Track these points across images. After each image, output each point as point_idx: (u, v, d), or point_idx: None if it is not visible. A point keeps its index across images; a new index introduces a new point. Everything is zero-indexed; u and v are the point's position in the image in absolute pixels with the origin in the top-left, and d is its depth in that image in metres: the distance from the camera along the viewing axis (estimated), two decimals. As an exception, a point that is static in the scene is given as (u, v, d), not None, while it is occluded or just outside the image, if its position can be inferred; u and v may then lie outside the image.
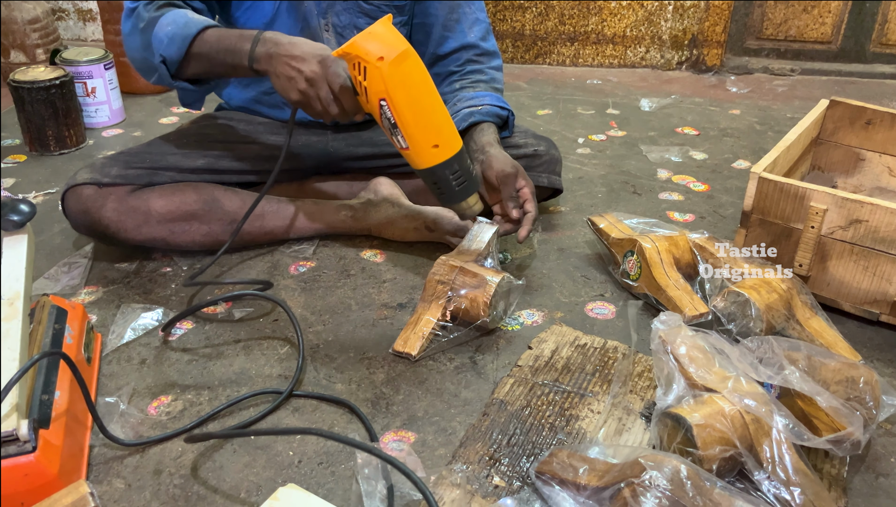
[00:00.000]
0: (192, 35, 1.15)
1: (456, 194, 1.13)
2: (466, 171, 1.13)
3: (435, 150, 1.08)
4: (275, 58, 1.10)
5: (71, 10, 2.70)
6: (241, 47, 1.13)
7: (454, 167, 1.11)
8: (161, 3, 1.20)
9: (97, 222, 1.24)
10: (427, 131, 1.07)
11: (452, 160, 1.10)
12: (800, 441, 0.82)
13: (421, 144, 1.08)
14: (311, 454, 0.92)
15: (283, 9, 1.33)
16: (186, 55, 1.17)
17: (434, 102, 1.08)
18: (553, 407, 0.99)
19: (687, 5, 2.51)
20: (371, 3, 1.37)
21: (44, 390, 0.85)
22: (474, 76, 1.43)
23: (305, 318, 1.19)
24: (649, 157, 1.86)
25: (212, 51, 1.16)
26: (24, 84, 1.72)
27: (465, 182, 1.13)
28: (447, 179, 1.11)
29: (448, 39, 1.42)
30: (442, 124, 1.09)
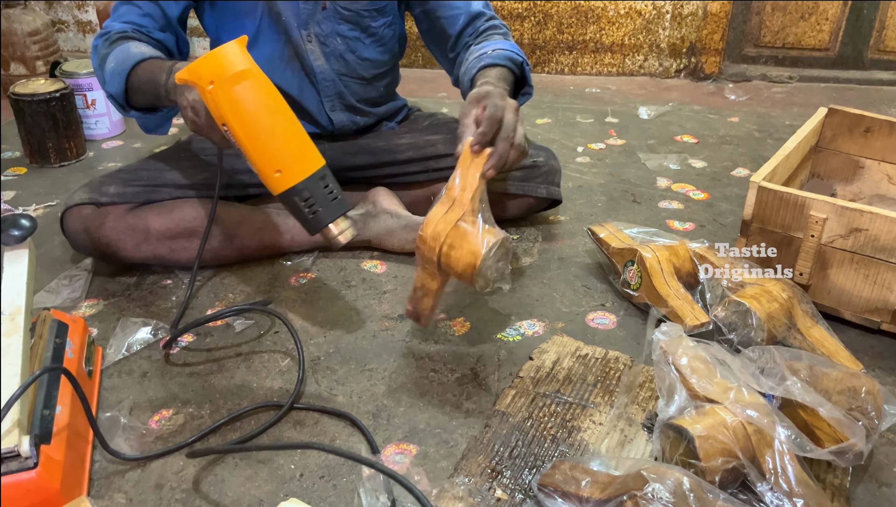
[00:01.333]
0: (127, 70, 1.18)
1: (310, 222, 1.07)
2: (321, 197, 1.05)
3: (278, 176, 1.03)
4: (176, 88, 1.07)
5: (71, 21, 2.71)
6: (158, 79, 1.12)
7: (304, 194, 1.04)
8: (115, 38, 1.23)
9: (97, 241, 1.24)
10: (267, 157, 1.02)
11: (300, 187, 1.03)
12: (802, 453, 0.82)
13: (263, 170, 1.03)
14: (312, 467, 0.92)
15: (264, 26, 1.34)
16: (126, 89, 1.19)
17: (276, 125, 1.02)
18: (555, 418, 0.99)
19: (685, 14, 2.52)
20: (349, 9, 1.37)
21: (45, 405, 0.85)
22: (489, 32, 1.38)
23: (306, 330, 1.19)
24: (648, 165, 1.87)
25: (142, 84, 1.17)
26: (24, 97, 1.72)
27: (318, 209, 1.05)
28: (297, 207, 1.05)
29: (458, 17, 1.39)
30: (285, 149, 1.03)
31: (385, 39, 1.45)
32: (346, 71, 1.42)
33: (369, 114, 1.50)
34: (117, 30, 1.24)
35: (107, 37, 1.24)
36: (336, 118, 1.45)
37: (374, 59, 1.44)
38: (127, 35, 1.24)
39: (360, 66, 1.43)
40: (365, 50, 1.42)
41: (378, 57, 1.45)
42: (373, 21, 1.40)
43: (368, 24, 1.40)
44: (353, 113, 1.47)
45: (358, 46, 1.40)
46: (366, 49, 1.42)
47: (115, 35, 1.23)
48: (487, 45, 1.30)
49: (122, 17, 1.26)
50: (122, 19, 1.26)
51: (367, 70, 1.45)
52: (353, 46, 1.40)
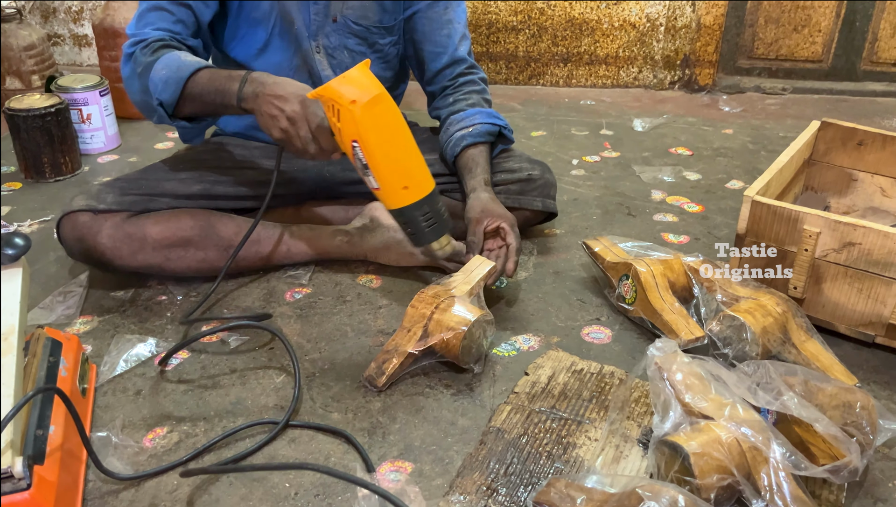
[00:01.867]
0: (184, 78, 1.17)
1: (425, 236, 1.14)
2: (437, 213, 1.13)
3: (405, 191, 1.09)
4: (260, 97, 1.12)
5: (67, 35, 2.71)
6: (229, 87, 1.15)
7: (424, 209, 1.11)
8: (157, 46, 1.22)
9: (93, 249, 1.24)
10: (397, 174, 1.08)
11: (422, 202, 1.10)
12: (798, 471, 0.82)
13: (391, 185, 1.09)
14: (307, 485, 0.91)
15: (275, 34, 1.35)
16: (181, 97, 1.19)
17: (405, 145, 1.09)
18: (550, 435, 0.98)
19: (679, 26, 2.53)
20: (359, 25, 1.39)
21: (38, 425, 0.85)
22: (467, 87, 1.47)
23: (301, 345, 1.19)
24: (643, 178, 1.87)
25: (203, 91, 1.18)
26: (19, 112, 1.72)
27: (434, 224, 1.13)
28: (416, 221, 1.12)
29: (441, 56, 1.45)
30: (412, 167, 1.10)
31: (389, 57, 1.47)
32: None
33: None
34: (155, 37, 1.23)
35: (145, 44, 1.22)
36: None
37: (377, 75, 1.45)
38: (167, 43, 1.23)
39: None
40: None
41: (381, 73, 1.46)
42: (380, 38, 1.43)
43: (376, 40, 1.42)
44: None
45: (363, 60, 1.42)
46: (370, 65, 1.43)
47: (155, 43, 1.22)
48: (467, 116, 1.41)
49: (153, 23, 1.24)
50: (154, 26, 1.24)
51: None
52: (358, 60, 1.41)
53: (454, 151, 1.40)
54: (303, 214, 1.48)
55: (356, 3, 1.38)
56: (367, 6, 1.39)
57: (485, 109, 1.44)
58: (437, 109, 1.50)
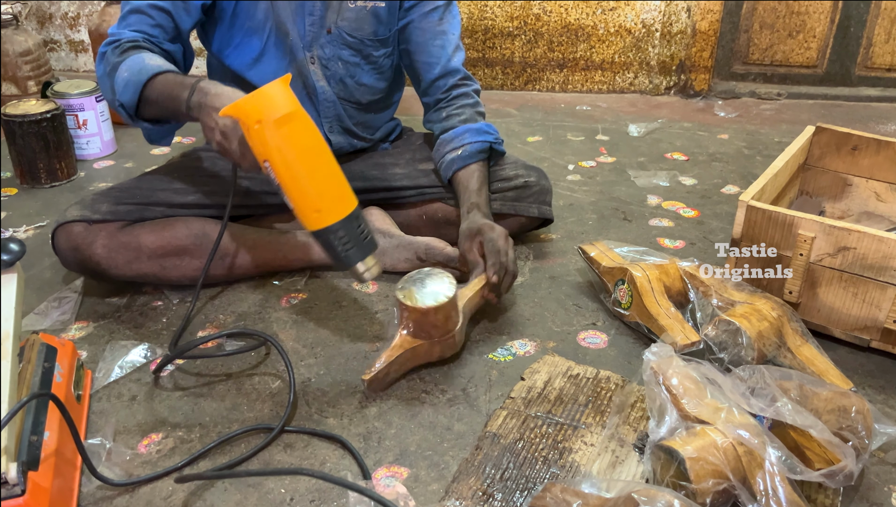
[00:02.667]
0: (142, 82, 1.17)
1: (342, 259, 1.10)
2: (355, 237, 1.09)
3: (317, 214, 1.06)
4: (202, 107, 1.11)
5: (63, 41, 2.71)
6: (180, 95, 1.14)
7: (339, 233, 1.07)
8: (127, 47, 1.22)
9: (88, 259, 1.24)
10: (307, 197, 1.05)
11: (336, 226, 1.07)
12: (793, 475, 0.82)
13: (302, 208, 1.06)
14: (302, 491, 0.91)
15: (270, 44, 1.35)
16: (140, 100, 1.19)
17: (318, 167, 1.06)
18: (546, 440, 0.98)
19: (674, 32, 2.54)
20: (354, 37, 1.39)
21: (33, 431, 0.85)
22: (459, 101, 1.46)
23: (297, 351, 1.19)
24: (639, 183, 1.88)
25: (159, 97, 1.18)
26: (15, 118, 1.72)
27: (350, 248, 1.09)
28: (332, 245, 1.09)
29: (434, 66, 1.45)
30: (325, 190, 1.06)
31: (384, 68, 1.48)
32: (344, 95, 1.44)
33: (366, 138, 1.53)
34: (128, 38, 1.23)
35: (117, 45, 1.22)
36: (334, 140, 1.47)
37: (370, 86, 1.46)
38: (138, 45, 1.23)
39: (358, 91, 1.45)
40: (363, 76, 1.44)
41: (374, 84, 1.47)
42: (374, 50, 1.43)
43: (370, 52, 1.43)
44: (351, 136, 1.50)
45: (357, 72, 1.42)
46: (364, 75, 1.44)
47: (126, 44, 1.22)
48: (456, 136, 1.41)
49: (131, 25, 1.25)
50: (132, 28, 1.25)
51: (364, 95, 1.47)
52: (353, 72, 1.42)
53: (447, 174, 1.41)
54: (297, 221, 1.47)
55: (351, 15, 1.38)
56: (362, 18, 1.39)
57: (475, 124, 1.42)
58: (430, 122, 1.50)
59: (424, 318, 1.08)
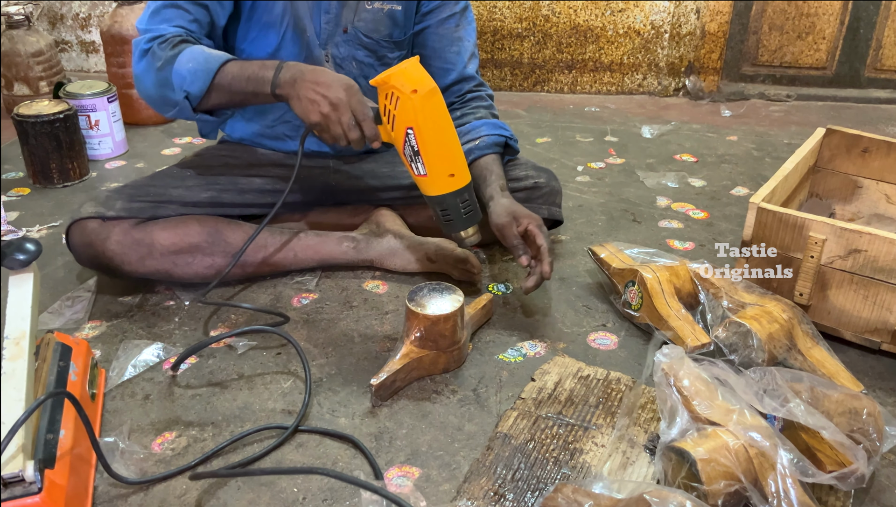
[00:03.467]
0: (214, 69, 1.19)
1: (462, 222, 1.20)
2: (473, 202, 1.20)
3: (451, 179, 1.17)
4: (299, 82, 1.15)
5: (74, 42, 2.73)
6: (263, 75, 1.17)
7: (464, 196, 1.19)
8: (177, 41, 1.23)
9: (101, 255, 1.25)
10: (446, 161, 1.16)
11: (464, 190, 1.18)
12: (804, 478, 0.82)
13: (439, 172, 1.16)
14: (315, 490, 0.92)
15: (287, 39, 1.36)
16: (209, 88, 1.20)
17: (453, 136, 1.17)
18: (557, 440, 0.99)
19: (683, 33, 2.54)
20: (370, 38, 1.40)
21: (49, 430, 0.86)
22: (474, 103, 1.48)
23: (309, 351, 1.19)
24: (648, 184, 1.88)
25: (234, 80, 1.19)
26: (28, 118, 1.74)
27: (471, 211, 1.20)
28: (457, 207, 1.19)
29: (450, 72, 1.45)
30: (458, 157, 1.18)
31: None
32: None
33: None
34: (174, 33, 1.23)
35: (163, 39, 1.22)
36: None
37: None
38: (185, 39, 1.24)
39: (371, 92, 1.45)
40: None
41: None
42: (389, 52, 1.43)
43: (385, 53, 1.43)
44: None
45: (370, 73, 1.43)
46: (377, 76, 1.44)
47: (174, 38, 1.23)
48: (473, 129, 1.42)
49: (170, 20, 1.25)
50: (171, 23, 1.25)
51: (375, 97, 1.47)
52: (367, 72, 1.42)
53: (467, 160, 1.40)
54: (309, 221, 1.48)
55: (368, 16, 1.38)
56: (379, 20, 1.40)
57: (491, 120, 1.44)
58: None
59: (433, 327, 1.09)
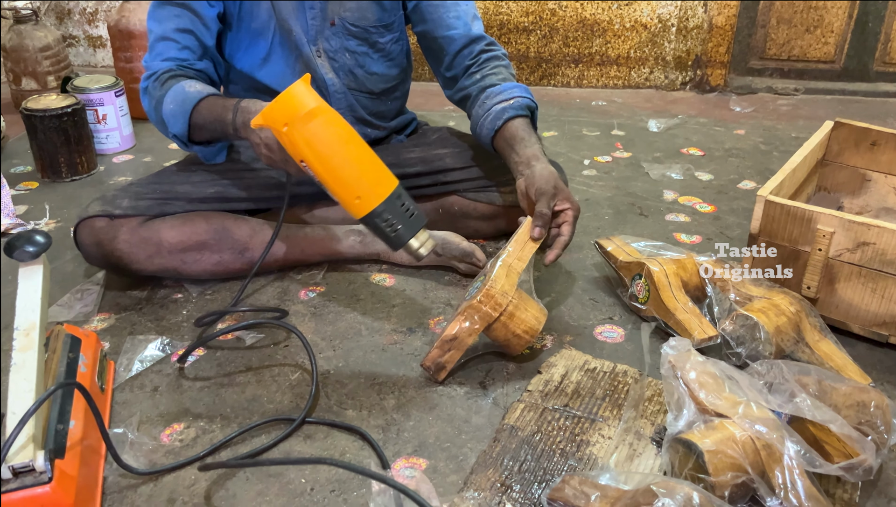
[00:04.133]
0: (188, 112, 1.23)
1: (393, 240, 1.12)
2: (401, 215, 1.11)
3: (359, 201, 1.08)
4: (245, 127, 1.15)
5: (82, 37, 2.74)
6: (225, 118, 1.19)
7: (384, 215, 1.09)
8: (165, 78, 1.27)
9: (110, 254, 1.26)
10: (346, 186, 1.08)
11: (380, 209, 1.09)
12: (812, 468, 0.82)
13: (344, 198, 1.09)
14: (323, 481, 0.92)
15: (276, 43, 1.36)
16: (190, 127, 1.25)
17: (350, 155, 1.08)
18: (564, 432, 0.99)
19: (690, 26, 2.53)
20: (357, 26, 1.39)
21: (59, 420, 0.86)
22: (493, 63, 1.42)
23: (316, 344, 1.20)
24: (655, 178, 1.87)
25: (206, 122, 1.23)
26: (36, 112, 1.74)
27: (398, 228, 1.11)
28: (379, 228, 1.11)
29: (455, 38, 1.41)
30: (361, 176, 1.08)
31: (393, 55, 1.46)
32: (355, 85, 1.44)
33: (380, 127, 1.52)
34: (164, 69, 1.28)
35: (155, 77, 1.28)
36: None
37: (382, 74, 1.46)
38: (174, 73, 1.28)
39: (369, 81, 1.45)
40: (373, 65, 1.44)
41: (386, 71, 1.47)
42: (380, 37, 1.42)
43: (376, 39, 1.42)
44: (365, 126, 1.49)
45: (366, 61, 1.42)
46: (374, 64, 1.44)
47: (163, 75, 1.28)
48: (504, 90, 1.35)
49: (161, 54, 1.30)
50: (162, 57, 1.29)
51: (376, 84, 1.46)
52: (362, 61, 1.42)
53: (495, 124, 1.33)
54: (315, 215, 1.48)
55: (353, 5, 1.38)
56: (365, 6, 1.39)
57: (518, 84, 1.38)
58: (463, 88, 1.43)
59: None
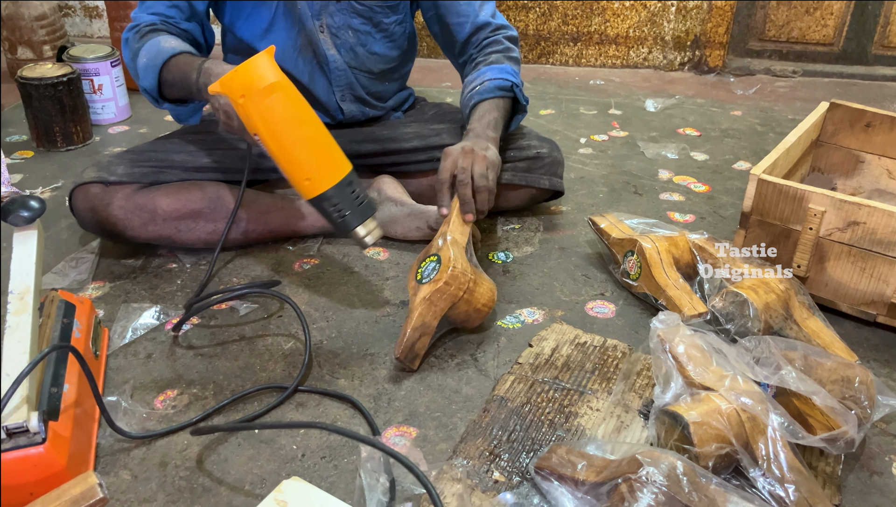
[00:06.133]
0: (159, 66, 1.22)
1: (339, 225, 1.12)
2: (349, 202, 1.10)
3: (308, 183, 1.08)
4: (206, 89, 1.13)
5: (77, 7, 2.71)
6: (189, 77, 1.18)
7: (333, 200, 1.09)
8: (146, 31, 1.26)
9: (104, 220, 1.26)
10: (296, 166, 1.07)
11: (329, 193, 1.08)
12: (795, 440, 0.83)
13: (293, 177, 1.08)
14: (314, 447, 0.94)
15: (279, 14, 1.35)
16: (160, 83, 1.23)
17: (304, 136, 1.07)
18: (553, 404, 1.00)
19: (689, 6, 2.52)
20: (363, 4, 1.39)
21: (53, 383, 0.87)
22: (489, 49, 1.43)
23: (309, 314, 1.20)
24: (650, 157, 1.88)
25: (175, 80, 1.22)
26: (31, 81, 1.74)
27: (347, 213, 1.11)
28: (326, 211, 1.11)
29: (465, 25, 1.43)
30: (314, 158, 1.08)
31: (395, 36, 1.46)
32: (356, 64, 1.44)
33: (378, 106, 1.52)
34: (146, 22, 1.27)
35: (137, 30, 1.27)
36: (346, 108, 1.47)
37: (383, 54, 1.46)
38: (156, 28, 1.27)
39: (370, 60, 1.45)
40: (375, 44, 1.43)
41: (387, 52, 1.46)
42: (385, 17, 1.42)
43: (381, 20, 1.42)
44: (363, 105, 1.49)
45: (368, 40, 1.42)
46: (376, 43, 1.43)
47: (144, 28, 1.26)
48: (478, 75, 1.37)
49: (149, 8, 1.29)
50: (149, 11, 1.29)
51: (376, 64, 1.46)
52: (364, 40, 1.41)
53: (465, 112, 1.36)
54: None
55: None
56: None
57: (498, 65, 1.38)
58: (464, 77, 1.45)
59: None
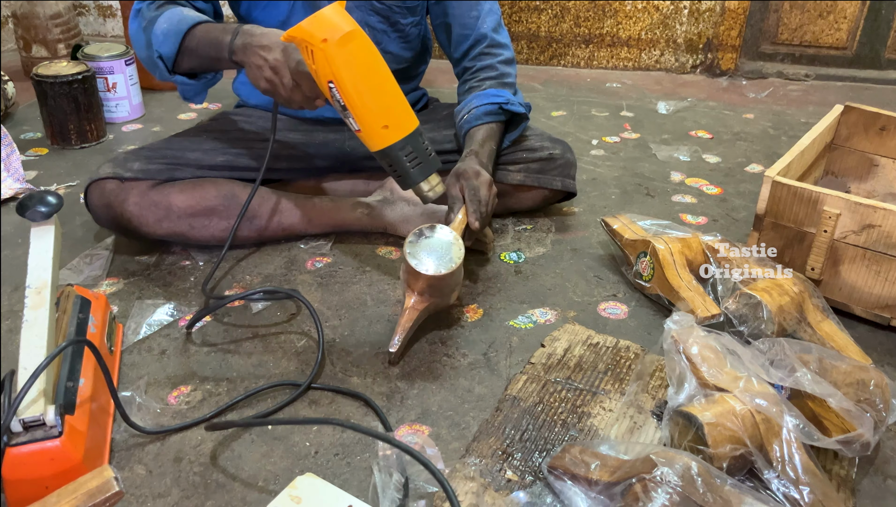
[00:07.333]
0: (184, 31, 1.19)
1: (410, 176, 1.12)
2: (421, 152, 1.11)
3: (385, 130, 1.07)
4: (248, 48, 1.13)
5: (91, 6, 2.73)
6: (223, 40, 1.16)
7: (407, 149, 1.09)
8: (161, 3, 1.25)
9: (119, 216, 1.26)
10: (375, 113, 1.07)
11: (404, 141, 1.09)
12: (810, 441, 0.83)
13: (370, 125, 1.07)
14: (327, 444, 0.94)
15: (297, 7, 1.36)
16: (179, 50, 1.21)
17: (383, 83, 1.07)
18: (565, 404, 1.00)
19: (702, 9, 2.51)
20: (383, 3, 1.39)
21: (69, 378, 0.88)
22: (483, 73, 1.45)
23: (322, 312, 1.21)
24: (662, 159, 1.87)
25: (200, 45, 1.19)
26: (47, 78, 1.75)
27: (419, 163, 1.11)
28: (400, 161, 1.10)
29: (468, 37, 1.44)
30: (391, 105, 1.08)
31: (410, 38, 1.47)
32: None
33: None
34: None
35: (152, 1, 1.25)
36: None
37: (396, 54, 1.46)
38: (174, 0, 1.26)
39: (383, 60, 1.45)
40: (390, 44, 1.44)
41: (401, 53, 1.47)
42: (402, 18, 1.43)
43: (398, 20, 1.42)
44: None
45: (383, 39, 1.42)
46: (391, 43, 1.44)
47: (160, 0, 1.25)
48: (465, 107, 1.41)
49: None
50: None
51: (389, 64, 1.45)
52: (379, 39, 1.42)
53: (461, 135, 1.41)
54: (324, 187, 1.49)
55: None
56: None
57: (486, 91, 1.40)
58: (458, 94, 1.49)
59: (440, 282, 1.09)
